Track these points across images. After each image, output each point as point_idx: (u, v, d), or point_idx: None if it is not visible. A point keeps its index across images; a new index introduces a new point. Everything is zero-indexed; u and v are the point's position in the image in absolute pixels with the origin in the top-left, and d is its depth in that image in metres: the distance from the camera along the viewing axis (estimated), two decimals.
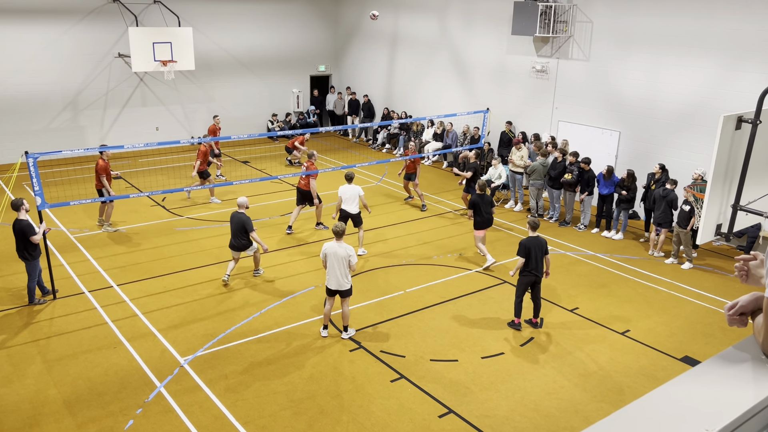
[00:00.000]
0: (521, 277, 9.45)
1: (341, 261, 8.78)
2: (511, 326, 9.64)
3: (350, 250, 8.83)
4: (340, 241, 8.85)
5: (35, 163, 9.87)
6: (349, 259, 8.80)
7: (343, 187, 11.99)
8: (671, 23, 13.64)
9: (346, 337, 9.19)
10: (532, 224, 9.51)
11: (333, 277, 8.87)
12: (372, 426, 7.30)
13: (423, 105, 20.62)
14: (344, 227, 8.99)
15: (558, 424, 7.42)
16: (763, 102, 4.90)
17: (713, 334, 9.63)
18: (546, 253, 9.41)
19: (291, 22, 22.74)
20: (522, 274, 9.42)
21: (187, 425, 7.24)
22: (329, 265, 8.85)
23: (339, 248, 8.78)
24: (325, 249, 8.87)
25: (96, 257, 12.04)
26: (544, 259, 9.44)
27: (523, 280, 9.44)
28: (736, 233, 7.56)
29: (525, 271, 9.37)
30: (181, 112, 21.00)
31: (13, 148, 17.86)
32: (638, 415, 1.71)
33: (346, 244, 8.87)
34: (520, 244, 9.38)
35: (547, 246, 9.50)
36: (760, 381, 1.84)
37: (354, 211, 11.98)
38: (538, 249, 9.30)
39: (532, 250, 9.25)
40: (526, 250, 9.25)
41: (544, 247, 9.39)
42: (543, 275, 9.47)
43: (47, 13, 18.13)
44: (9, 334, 9.22)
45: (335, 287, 8.93)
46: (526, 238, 9.40)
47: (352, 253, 8.82)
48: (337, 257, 8.76)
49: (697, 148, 13.38)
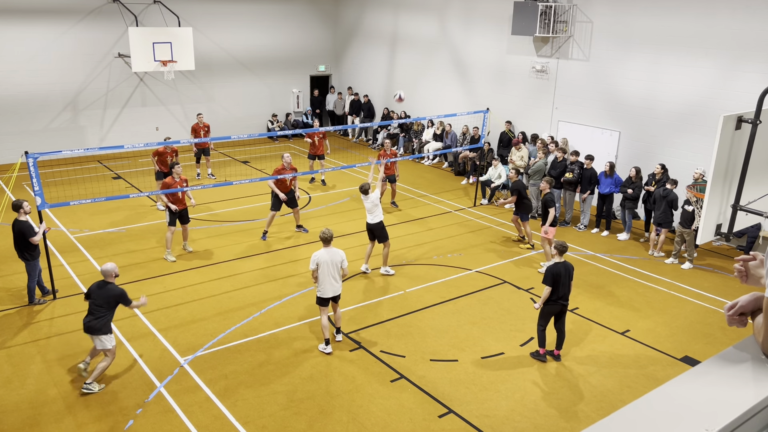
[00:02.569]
0: (545, 306, 8.52)
1: (335, 267, 8.60)
2: (535, 357, 8.77)
3: (341, 254, 8.65)
4: (330, 247, 8.61)
5: (35, 163, 9.87)
6: (342, 264, 8.65)
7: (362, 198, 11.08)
8: (671, 23, 13.63)
9: (340, 339, 9.10)
10: (560, 248, 8.51)
11: (328, 285, 8.61)
12: (372, 426, 7.30)
13: (423, 105, 20.62)
14: (332, 233, 8.67)
15: (558, 424, 7.42)
16: (763, 102, 4.90)
17: (713, 334, 9.63)
18: (571, 279, 8.54)
19: (291, 22, 22.74)
20: (547, 303, 8.50)
21: (187, 425, 7.24)
22: (322, 273, 8.53)
23: (331, 255, 8.56)
24: (317, 258, 8.51)
25: (96, 257, 12.04)
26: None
27: (548, 309, 8.54)
28: (736, 233, 7.56)
29: (550, 301, 8.47)
30: (181, 112, 21.00)
31: (13, 148, 17.85)
32: (638, 415, 1.71)
33: (336, 249, 8.67)
34: (546, 271, 8.43)
35: (573, 271, 8.66)
36: (760, 381, 1.84)
37: (376, 220, 10.96)
38: (566, 276, 8.38)
39: (561, 278, 8.32)
40: (554, 278, 8.31)
41: (571, 273, 8.52)
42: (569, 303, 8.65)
43: (47, 13, 18.13)
44: (9, 334, 9.22)
45: (332, 294, 8.70)
46: (553, 265, 8.42)
47: (344, 257, 8.67)
48: (330, 264, 8.54)
49: (697, 148, 13.38)
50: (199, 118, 17.38)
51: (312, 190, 16.71)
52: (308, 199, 15.96)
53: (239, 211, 14.89)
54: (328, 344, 8.82)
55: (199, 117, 17.43)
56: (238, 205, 15.31)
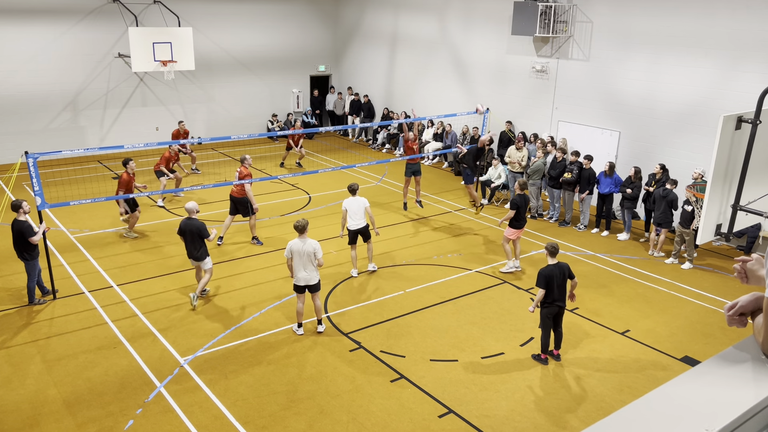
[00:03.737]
0: (543, 309, 8.44)
1: (308, 257, 8.81)
2: (536, 359, 8.73)
3: (315, 244, 8.83)
4: (304, 237, 8.82)
5: (35, 163, 9.87)
6: (315, 253, 8.81)
7: (348, 200, 11.05)
8: (671, 23, 13.64)
9: (322, 330, 9.32)
10: (551, 250, 8.46)
11: (301, 273, 8.89)
12: (372, 426, 7.30)
13: (423, 105, 20.62)
14: (306, 222, 8.89)
15: (558, 424, 7.42)
16: (763, 102, 4.90)
17: (713, 334, 9.63)
18: (571, 278, 8.48)
19: (291, 22, 22.74)
20: (543, 306, 8.40)
21: (187, 425, 7.24)
22: (295, 262, 8.85)
23: (303, 244, 8.77)
24: (290, 246, 8.84)
25: (96, 257, 12.04)
26: (570, 282, 8.52)
27: (546, 312, 8.43)
28: (736, 233, 7.56)
29: (546, 303, 8.35)
30: (181, 112, 21.00)
31: (13, 148, 17.85)
32: (638, 415, 1.71)
33: (311, 239, 8.87)
34: (539, 274, 8.35)
35: (571, 270, 8.56)
36: (760, 381, 1.84)
37: (362, 225, 11.07)
38: (560, 277, 8.32)
39: (554, 279, 8.27)
40: (546, 280, 8.25)
41: (566, 273, 8.44)
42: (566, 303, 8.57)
43: (47, 13, 18.13)
44: (9, 334, 9.22)
45: (303, 282, 8.96)
46: (545, 267, 8.37)
47: (317, 248, 8.83)
48: (302, 254, 8.78)
49: (697, 148, 13.38)
50: (181, 125, 18.06)
51: (312, 190, 16.70)
52: (308, 199, 15.96)
53: None
54: (300, 327, 9.29)
55: (181, 124, 18.12)
56: None
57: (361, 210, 11.03)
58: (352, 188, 11.15)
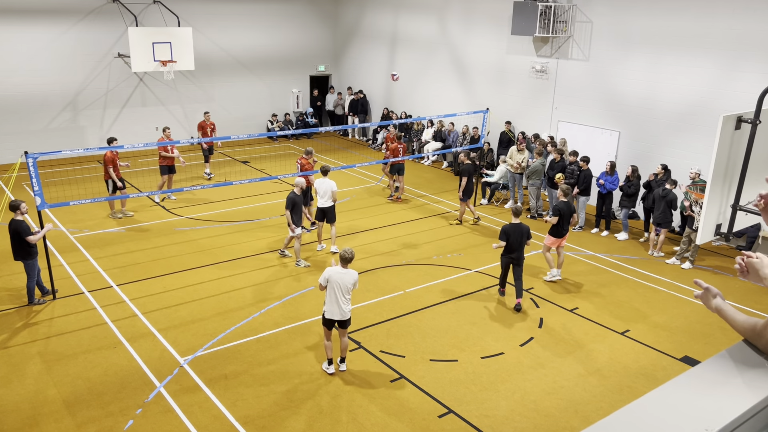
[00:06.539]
0: (502, 257, 10.40)
1: (345, 289, 7.91)
2: (499, 293, 10.74)
3: (356, 276, 7.98)
4: (346, 268, 7.92)
5: (35, 163, 9.86)
6: (355, 286, 8.00)
7: (318, 180, 12.06)
8: (671, 23, 13.64)
9: (344, 369, 8.37)
10: (515, 211, 10.29)
11: (335, 306, 7.92)
12: (372, 426, 7.30)
13: (423, 105, 20.62)
14: (353, 254, 7.96)
15: (558, 424, 7.42)
16: (762, 102, 4.91)
17: (713, 334, 9.63)
18: (529, 237, 10.22)
19: (291, 22, 22.74)
20: (503, 256, 10.38)
21: (187, 425, 7.24)
22: (330, 292, 7.90)
23: (344, 275, 7.87)
24: (329, 275, 7.87)
25: (96, 257, 12.04)
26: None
27: (504, 260, 10.41)
28: (735, 233, 7.56)
29: (504, 253, 10.31)
30: (181, 112, 21.00)
31: (12, 148, 17.84)
32: (638, 415, 1.71)
33: (352, 270, 7.99)
34: (501, 230, 10.23)
35: (530, 231, 10.28)
36: (760, 381, 1.84)
37: (328, 204, 12.02)
38: (518, 234, 10.09)
39: (512, 235, 10.08)
40: (506, 235, 10.12)
41: (526, 233, 10.16)
42: (523, 259, 10.34)
43: (47, 13, 18.13)
44: (9, 334, 9.22)
45: (338, 317, 7.98)
46: (508, 224, 10.22)
47: (356, 280, 7.98)
48: (341, 285, 7.86)
49: (696, 148, 13.38)
50: (206, 116, 17.51)
51: None
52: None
53: (239, 211, 14.88)
54: (331, 364, 8.33)
55: (206, 115, 17.56)
56: (237, 205, 15.31)
57: (329, 191, 11.95)
58: (324, 170, 12.12)
